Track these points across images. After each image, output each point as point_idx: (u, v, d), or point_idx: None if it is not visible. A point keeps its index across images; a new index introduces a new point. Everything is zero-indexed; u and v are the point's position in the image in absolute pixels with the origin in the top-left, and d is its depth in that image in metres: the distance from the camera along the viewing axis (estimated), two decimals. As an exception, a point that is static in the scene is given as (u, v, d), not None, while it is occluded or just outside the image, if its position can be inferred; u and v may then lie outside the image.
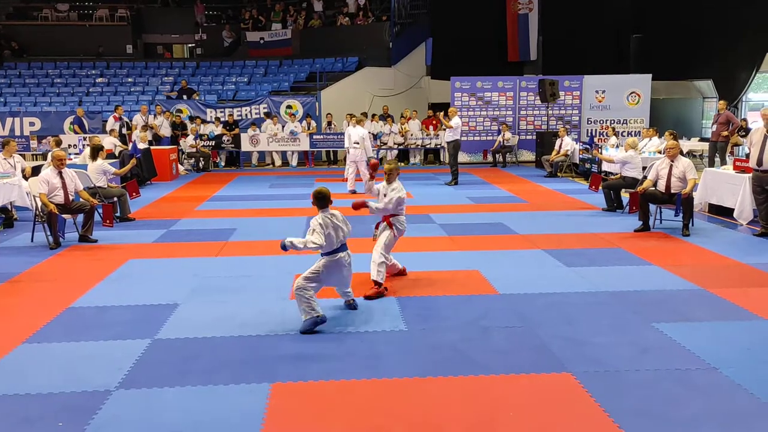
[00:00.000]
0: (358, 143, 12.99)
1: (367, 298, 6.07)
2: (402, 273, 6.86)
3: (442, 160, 18.86)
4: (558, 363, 4.60)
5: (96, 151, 10.19)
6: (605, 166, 13.30)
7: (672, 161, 8.89)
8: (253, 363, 4.64)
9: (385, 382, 4.33)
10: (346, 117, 18.15)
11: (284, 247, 5.30)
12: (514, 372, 4.45)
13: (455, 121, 14.03)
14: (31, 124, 19.50)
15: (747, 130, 14.93)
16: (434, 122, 19.01)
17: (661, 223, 9.25)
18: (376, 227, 6.62)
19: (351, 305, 5.85)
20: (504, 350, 4.86)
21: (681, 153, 9.39)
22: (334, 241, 5.42)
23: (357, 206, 6.24)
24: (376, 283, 6.19)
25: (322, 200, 5.42)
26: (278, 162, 18.61)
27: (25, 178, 10.16)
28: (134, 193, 10.81)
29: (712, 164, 14.23)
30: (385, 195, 6.44)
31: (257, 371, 4.49)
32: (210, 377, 4.40)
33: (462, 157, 18.34)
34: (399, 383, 4.31)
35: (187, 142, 17.44)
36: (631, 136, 16.72)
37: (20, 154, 12.11)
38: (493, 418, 3.84)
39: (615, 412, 3.87)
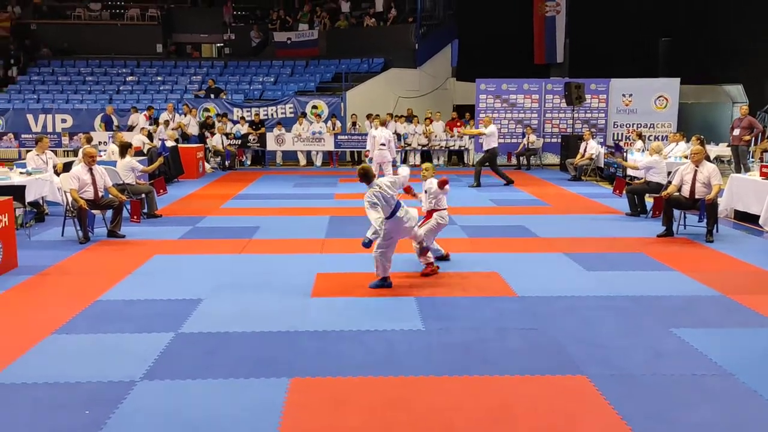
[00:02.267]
0: (384, 144, 13.12)
1: (423, 275, 6.84)
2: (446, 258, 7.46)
3: (466, 162, 18.88)
4: (573, 365, 4.63)
5: (125, 149, 10.42)
6: (630, 170, 13.23)
7: (697, 166, 8.82)
8: (273, 358, 4.75)
9: (401, 380, 4.40)
10: (367, 118, 18.27)
11: (367, 244, 6.11)
12: (529, 373, 4.49)
13: (491, 128, 14.09)
14: (63, 121, 19.97)
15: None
16: (458, 123, 19.04)
17: (684, 228, 9.19)
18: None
19: (442, 257, 7.12)
20: (519, 351, 4.90)
21: (707, 158, 9.32)
22: (388, 208, 6.24)
23: (442, 183, 7.00)
24: (427, 265, 6.88)
25: (365, 177, 6.35)
26: (303, 162, 18.78)
27: (57, 174, 10.43)
28: (161, 190, 11.03)
29: (739, 169, 14.05)
30: (425, 191, 7.22)
31: (277, 366, 4.60)
32: (231, 371, 4.52)
33: (486, 159, 18.38)
34: (415, 381, 4.39)
35: (213, 141, 17.69)
36: (658, 140, 16.56)
37: (52, 151, 12.42)
38: (506, 418, 3.89)
39: (629, 415, 3.90)
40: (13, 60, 23.62)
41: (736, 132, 14.45)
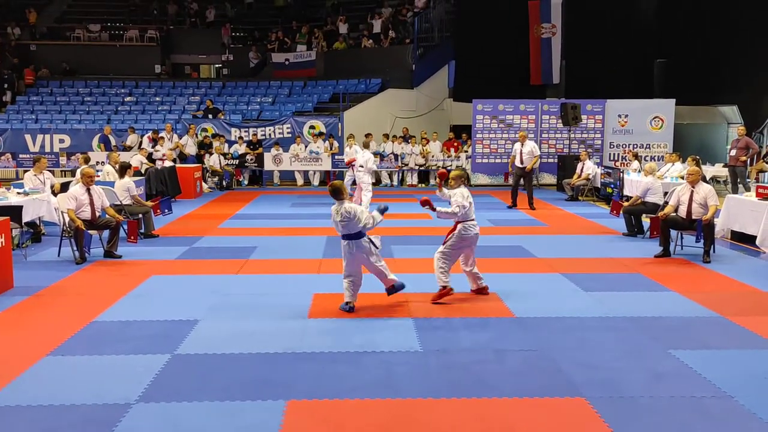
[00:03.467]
0: (362, 166, 12.90)
1: (434, 302, 6.61)
2: (483, 291, 7.01)
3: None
4: (572, 387, 4.60)
5: (124, 170, 10.43)
6: (626, 191, 13.27)
7: (693, 187, 8.85)
8: (269, 380, 4.71)
9: (399, 402, 4.37)
10: (365, 137, 18.32)
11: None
12: (528, 395, 4.47)
13: (532, 143, 13.88)
14: (61, 141, 20.01)
15: (771, 157, 14.84)
16: (455, 144, 19.12)
17: (682, 249, 9.20)
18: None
19: (392, 287, 6.53)
20: (518, 373, 4.88)
21: (703, 179, 9.35)
22: (340, 228, 6.23)
23: (423, 203, 6.68)
24: (442, 287, 6.63)
25: (335, 193, 6.27)
26: (300, 181, 18.81)
27: (54, 194, 10.43)
28: (158, 211, 11.01)
29: (735, 190, 14.11)
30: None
31: (274, 388, 4.56)
32: (227, 393, 4.48)
33: (483, 179, 18.46)
34: (413, 403, 4.36)
35: (211, 161, 17.72)
36: (654, 160, 16.64)
37: (49, 171, 12.42)
38: (505, 441, 3.86)
39: (628, 438, 3.87)
40: (6, 84, 23.62)
41: (733, 153, 14.55)
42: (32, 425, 4.04)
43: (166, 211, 10.88)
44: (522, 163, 13.54)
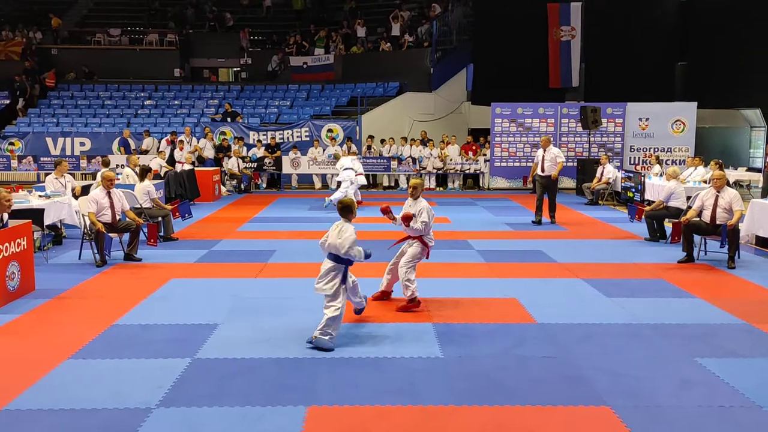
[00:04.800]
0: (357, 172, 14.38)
1: (399, 309, 6.49)
2: (388, 296, 6.91)
3: (481, 185, 18.84)
4: (596, 395, 4.53)
5: (144, 173, 10.49)
6: (648, 195, 13.11)
7: (718, 192, 8.71)
8: (289, 385, 4.69)
9: (419, 409, 4.32)
10: (381, 143, 18.36)
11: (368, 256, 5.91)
12: (551, 403, 4.40)
13: (555, 149, 12.33)
14: (82, 144, 20.21)
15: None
16: (474, 148, 19.04)
17: (705, 254, 9.05)
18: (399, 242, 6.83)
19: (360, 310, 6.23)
20: (540, 380, 4.81)
21: (727, 183, 9.20)
22: (325, 245, 5.75)
23: (384, 210, 6.69)
24: (410, 300, 6.50)
25: (344, 210, 5.81)
26: (318, 185, 18.83)
27: (75, 197, 10.50)
28: (177, 214, 11.04)
29: (766, 195, 13.85)
30: (414, 215, 6.57)
31: (294, 393, 4.54)
32: (247, 398, 4.46)
33: (501, 183, 18.36)
34: (433, 410, 4.31)
35: (229, 164, 17.80)
36: (676, 164, 16.44)
37: (70, 174, 12.53)
38: (529, 450, 3.80)
39: (655, 448, 3.79)
40: (18, 92, 23.87)
41: None
42: (53, 429, 4.05)
43: (186, 215, 10.88)
44: (543, 171, 12.21)
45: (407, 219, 6.55)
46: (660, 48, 20.10)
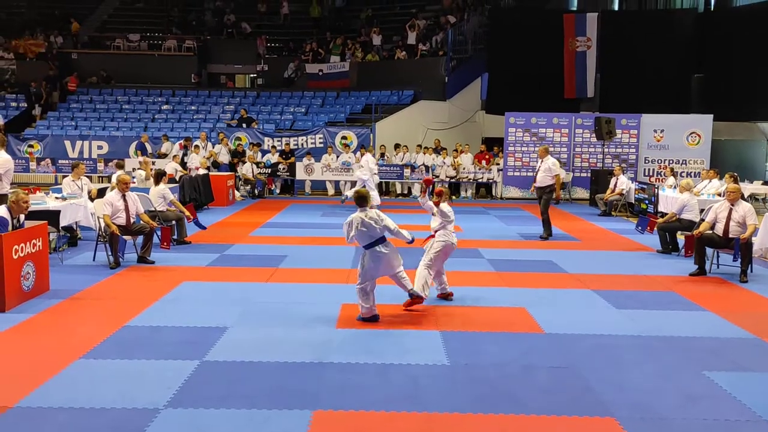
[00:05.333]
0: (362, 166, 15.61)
1: (406, 308, 6.69)
2: (448, 297, 7.21)
3: (494, 194, 18.83)
4: (602, 406, 4.52)
5: (159, 177, 10.61)
6: (662, 207, 13.04)
7: (732, 205, 8.66)
8: (296, 389, 4.72)
9: (425, 416, 4.34)
10: (394, 148, 18.49)
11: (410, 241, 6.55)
12: (556, 413, 4.40)
13: (552, 159, 11.55)
14: (99, 147, 20.45)
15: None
16: (487, 157, 19.05)
17: (718, 267, 8.99)
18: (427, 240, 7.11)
19: (411, 294, 6.56)
20: (547, 390, 4.81)
21: (742, 197, 9.15)
22: (367, 238, 6.22)
23: (428, 182, 7.22)
24: (413, 295, 6.64)
25: (357, 200, 6.37)
26: (331, 191, 18.92)
27: (91, 199, 10.64)
28: (195, 216, 11.14)
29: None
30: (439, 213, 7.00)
31: (300, 398, 4.57)
32: (254, 401, 4.51)
33: (515, 192, 18.34)
34: (439, 418, 4.32)
35: (243, 169, 17.93)
36: (691, 177, 16.34)
37: (87, 176, 12.69)
38: (532, 459, 3.81)
39: (659, 460, 3.78)
40: (33, 98, 24.19)
41: None
42: (62, 428, 4.11)
43: (199, 228, 10.83)
44: (536, 182, 11.68)
45: (429, 182, 7.21)
46: (676, 59, 20.01)
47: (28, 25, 27.05)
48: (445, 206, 7.02)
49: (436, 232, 7.03)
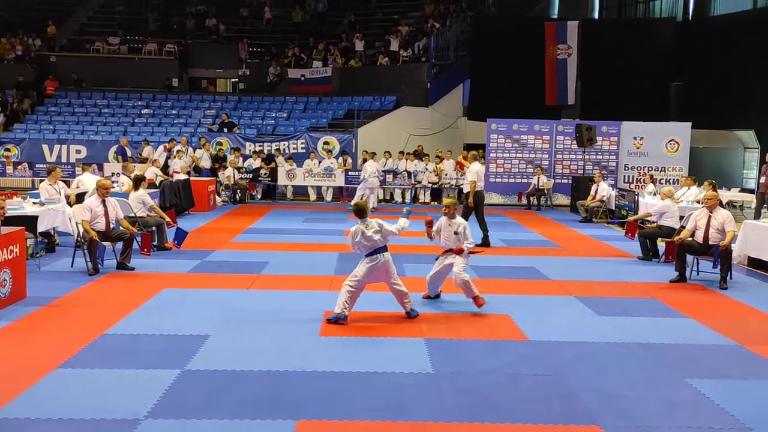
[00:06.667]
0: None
1: (478, 305, 7.03)
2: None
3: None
4: (587, 415, 4.52)
5: (138, 182, 10.48)
6: (641, 213, 13.15)
7: (711, 212, 8.75)
8: (279, 398, 4.67)
9: (410, 425, 4.31)
10: (363, 154, 18.54)
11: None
12: (542, 422, 4.39)
13: (474, 166, 11.40)
14: (78, 151, 20.18)
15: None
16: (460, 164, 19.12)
17: (698, 274, 9.07)
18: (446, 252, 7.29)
19: (408, 313, 6.70)
20: (531, 399, 4.80)
21: (720, 204, 9.25)
22: (365, 245, 6.43)
23: (428, 223, 7.26)
24: (475, 297, 7.02)
25: (357, 212, 6.61)
26: (313, 197, 18.85)
27: (70, 204, 10.48)
28: (175, 222, 11.01)
29: (758, 216, 13.88)
30: (456, 233, 7.20)
31: (283, 407, 4.52)
32: (236, 411, 4.44)
33: (496, 198, 18.39)
34: (424, 427, 4.29)
35: (225, 174, 17.80)
36: (670, 184, 16.51)
37: (65, 181, 12.51)
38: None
39: (644, 469, 3.78)
40: (12, 99, 23.78)
41: (763, 179, 14.28)
42: (40, 439, 4.02)
43: (176, 243, 10.36)
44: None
45: (429, 223, 7.24)
46: (656, 68, 20.26)
47: (8, 27, 26.62)
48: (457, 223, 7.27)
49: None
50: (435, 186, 18.71)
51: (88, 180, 12.63)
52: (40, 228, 9.18)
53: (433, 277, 7.36)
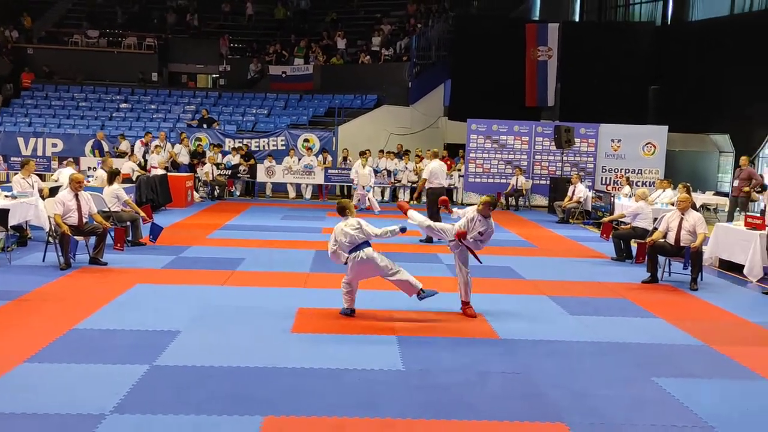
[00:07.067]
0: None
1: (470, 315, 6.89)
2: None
3: (454, 200, 18.92)
4: (554, 412, 4.56)
5: (113, 176, 10.38)
6: (616, 215, 13.28)
7: (683, 214, 8.87)
8: (247, 395, 4.65)
9: (378, 422, 4.32)
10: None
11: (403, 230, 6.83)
12: (509, 419, 4.42)
13: (432, 164, 11.57)
14: (54, 145, 19.91)
15: (764, 187, 14.84)
16: (448, 162, 19.16)
17: (669, 275, 9.19)
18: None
19: (420, 294, 6.71)
20: (500, 396, 4.84)
21: (693, 206, 9.37)
22: (345, 244, 6.46)
23: (443, 202, 7.49)
24: (465, 303, 6.96)
25: (340, 210, 6.75)
26: (292, 194, 18.79)
27: (43, 198, 10.35)
28: (151, 218, 10.90)
29: (731, 219, 14.10)
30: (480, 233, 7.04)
31: (251, 403, 4.50)
32: (203, 407, 4.42)
33: (475, 198, 18.44)
34: (392, 423, 4.30)
35: (204, 170, 17.68)
36: (646, 186, 16.70)
37: (39, 174, 12.34)
38: (483, 465, 3.82)
39: (607, 466, 3.83)
40: None
41: (736, 183, 14.50)
42: (3, 433, 3.97)
43: (151, 238, 10.32)
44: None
45: (461, 236, 7.01)
46: (634, 71, 20.48)
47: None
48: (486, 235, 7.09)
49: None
50: (414, 185, 18.71)
51: (67, 174, 12.47)
52: (12, 221, 9.05)
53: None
